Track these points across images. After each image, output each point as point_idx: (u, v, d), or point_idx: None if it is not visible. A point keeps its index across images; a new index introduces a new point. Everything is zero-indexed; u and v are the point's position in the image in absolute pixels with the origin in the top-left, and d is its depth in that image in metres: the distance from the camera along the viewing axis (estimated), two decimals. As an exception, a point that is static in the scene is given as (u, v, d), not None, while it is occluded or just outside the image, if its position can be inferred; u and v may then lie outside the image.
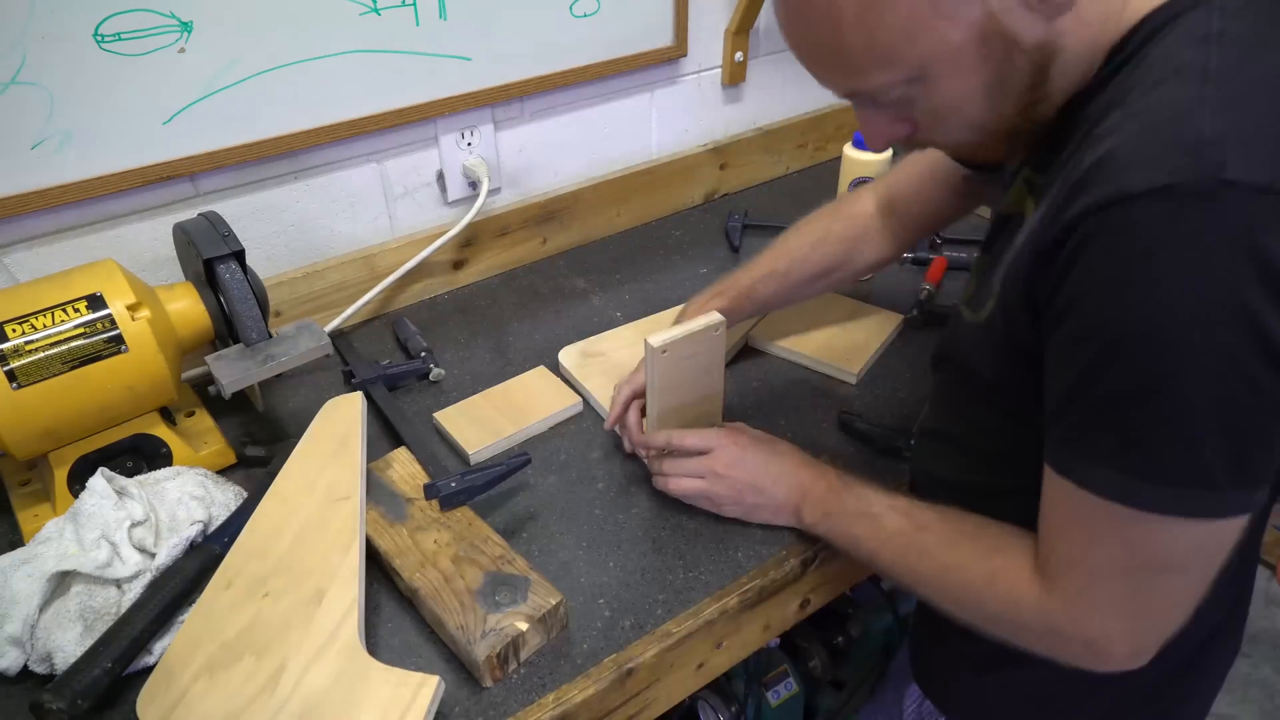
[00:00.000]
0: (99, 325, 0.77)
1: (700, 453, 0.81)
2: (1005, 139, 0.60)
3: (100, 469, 0.77)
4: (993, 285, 0.62)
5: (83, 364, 0.76)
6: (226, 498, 0.81)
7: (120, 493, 0.76)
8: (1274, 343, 0.46)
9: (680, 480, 0.81)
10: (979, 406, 0.69)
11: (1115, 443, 0.52)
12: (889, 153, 1.19)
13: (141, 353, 0.79)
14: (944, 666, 0.83)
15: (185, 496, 0.78)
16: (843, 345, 1.03)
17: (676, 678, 0.76)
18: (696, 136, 1.37)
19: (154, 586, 0.72)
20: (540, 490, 0.86)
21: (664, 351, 0.79)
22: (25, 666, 0.69)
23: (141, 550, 0.73)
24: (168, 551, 0.74)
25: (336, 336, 1.09)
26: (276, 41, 0.93)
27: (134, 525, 0.75)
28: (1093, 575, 0.56)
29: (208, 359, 0.86)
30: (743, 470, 0.79)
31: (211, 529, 0.78)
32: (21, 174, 0.86)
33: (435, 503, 0.80)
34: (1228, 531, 0.53)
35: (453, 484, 0.79)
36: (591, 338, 1.07)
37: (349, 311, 1.09)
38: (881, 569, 0.71)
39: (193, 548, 0.76)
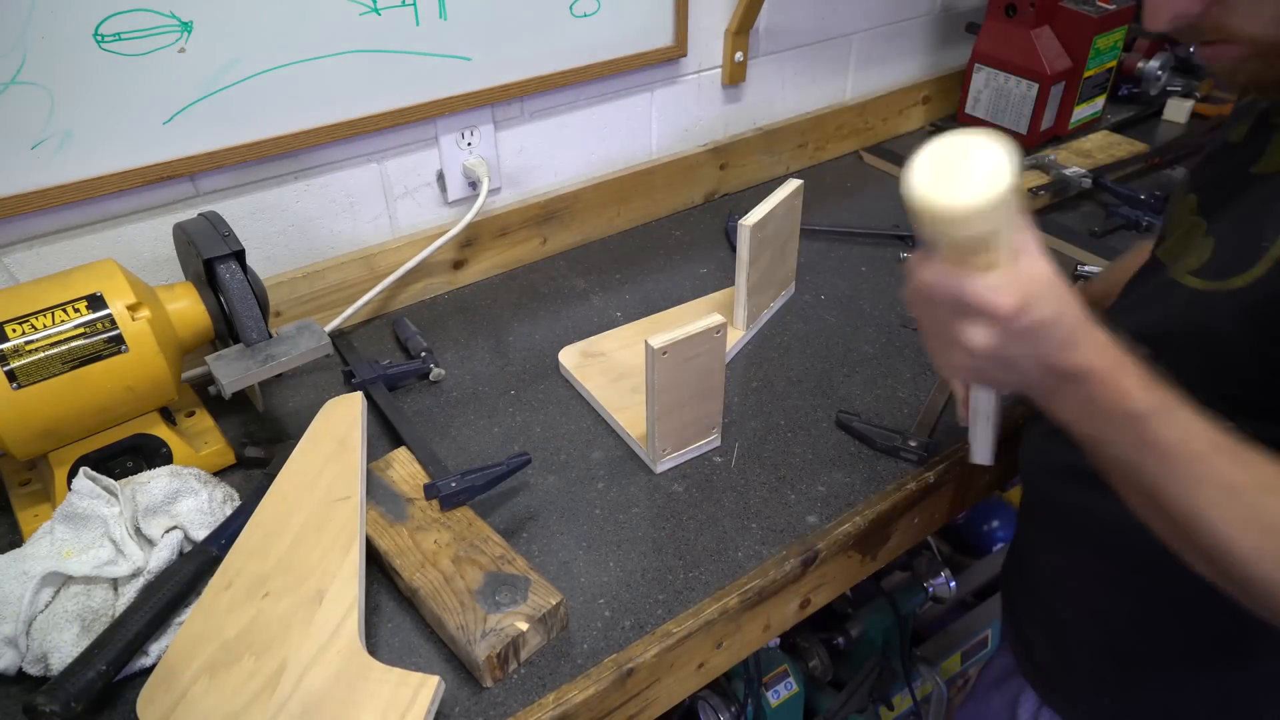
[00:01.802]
0: (99, 325, 0.77)
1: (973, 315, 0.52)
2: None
3: (83, 469, 0.77)
4: (1257, 248, 0.54)
5: (83, 364, 0.76)
6: (218, 498, 0.81)
7: (107, 491, 0.76)
8: None
9: (930, 327, 0.56)
10: (1206, 391, 0.53)
11: None
12: None
13: (141, 353, 0.79)
14: (1070, 677, 0.76)
15: (174, 496, 0.78)
16: None
17: (676, 678, 0.76)
18: (696, 136, 1.37)
19: (149, 589, 0.71)
20: (540, 490, 0.86)
21: (664, 353, 0.79)
22: (20, 668, 0.69)
23: (143, 546, 0.73)
24: (160, 552, 0.74)
25: (336, 336, 1.09)
26: (276, 41, 0.93)
27: (132, 522, 0.75)
28: None
29: (208, 359, 0.86)
30: (1017, 349, 0.52)
31: (204, 530, 0.77)
32: (21, 174, 0.86)
33: (435, 503, 0.80)
34: None
35: (453, 484, 0.80)
36: (591, 338, 1.07)
37: (349, 311, 1.09)
38: (1152, 495, 0.53)
39: (185, 552, 0.76)
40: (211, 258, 0.84)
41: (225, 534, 0.77)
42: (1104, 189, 1.34)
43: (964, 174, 0.46)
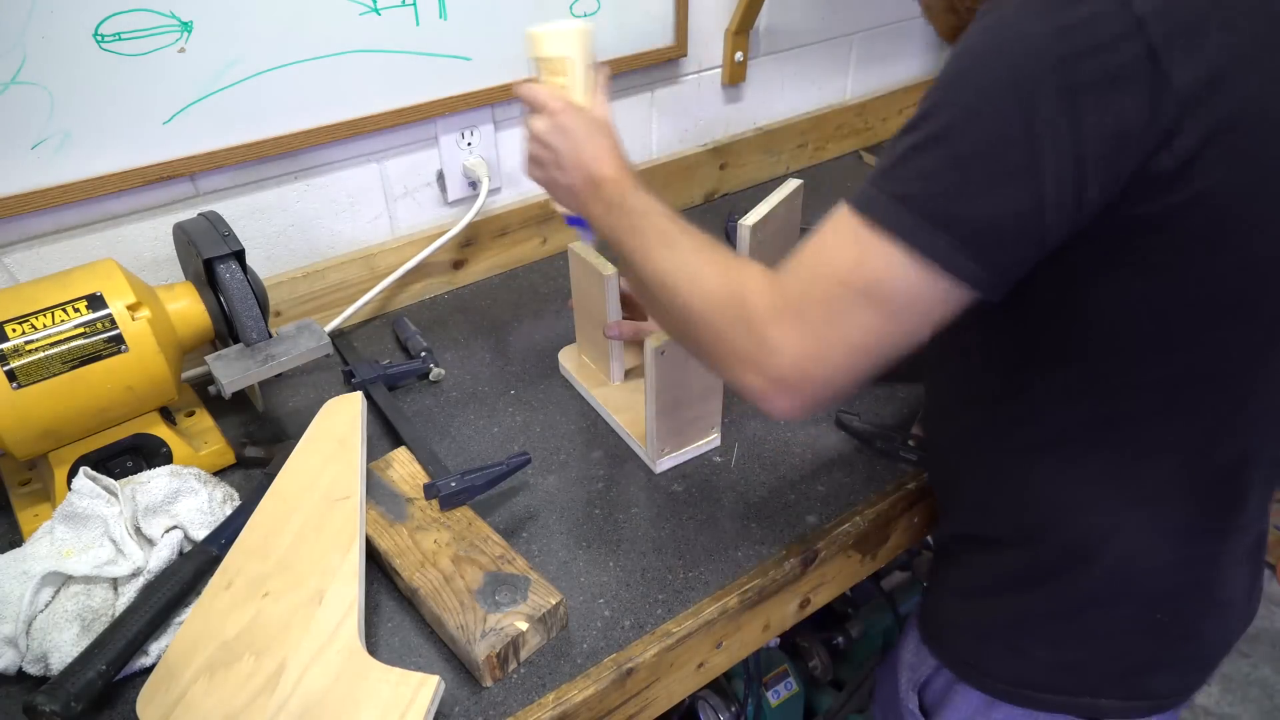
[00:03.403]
0: (99, 325, 0.77)
1: (536, 110, 0.76)
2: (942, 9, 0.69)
3: (83, 469, 0.77)
4: None
5: (83, 364, 0.76)
6: (218, 498, 0.81)
7: (107, 491, 0.76)
8: (1035, 102, 0.49)
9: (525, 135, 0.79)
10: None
11: (885, 157, 0.56)
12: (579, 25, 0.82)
13: (141, 353, 0.79)
14: (942, 613, 0.82)
15: (174, 495, 0.78)
16: None
17: (676, 678, 0.76)
18: (696, 136, 1.37)
19: (149, 589, 0.71)
20: (540, 490, 0.86)
21: (663, 352, 0.79)
22: (20, 668, 0.69)
23: (142, 545, 0.74)
24: (160, 552, 0.74)
25: (336, 336, 1.09)
26: (276, 41, 0.93)
27: (132, 522, 0.75)
28: (809, 277, 0.58)
29: (208, 359, 0.86)
30: (558, 139, 0.75)
31: (204, 530, 0.77)
32: (21, 174, 0.86)
33: (435, 502, 0.80)
34: (936, 296, 0.54)
35: (453, 484, 0.80)
36: (591, 338, 1.07)
37: (349, 311, 1.09)
38: (634, 262, 0.68)
39: (185, 552, 0.76)
40: (211, 257, 0.84)
41: (225, 534, 0.77)
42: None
43: (558, 26, 0.76)
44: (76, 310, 0.77)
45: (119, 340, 0.78)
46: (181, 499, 0.78)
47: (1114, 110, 0.49)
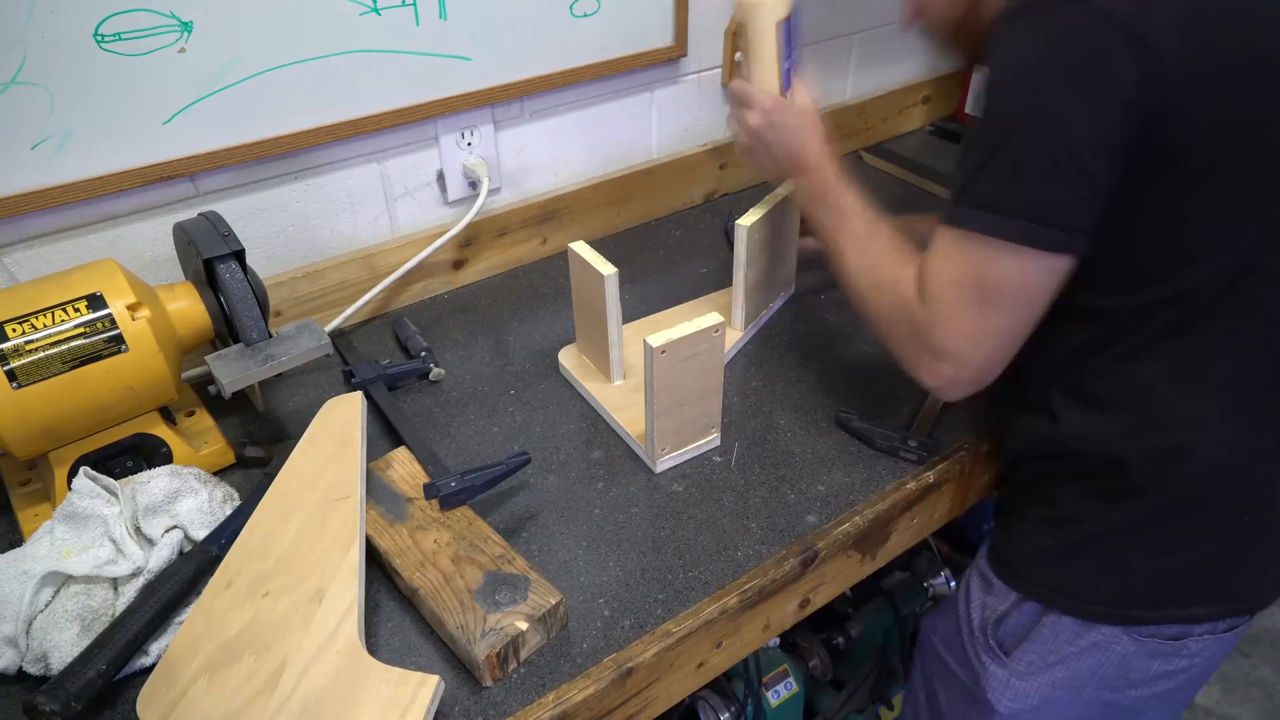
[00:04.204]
0: (99, 325, 0.77)
1: (747, 105, 0.90)
2: (958, 34, 0.81)
3: (83, 469, 0.77)
4: None
5: (83, 364, 0.76)
6: (218, 497, 0.81)
7: (106, 491, 0.76)
8: (1050, 97, 0.63)
9: (733, 122, 0.93)
10: None
11: (959, 182, 0.70)
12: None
13: (141, 352, 0.79)
14: (1022, 545, 0.85)
15: (174, 495, 0.78)
16: None
17: (676, 677, 0.76)
18: (696, 136, 1.37)
19: (149, 589, 0.72)
20: (540, 490, 0.86)
21: (663, 352, 0.79)
22: (20, 668, 0.69)
23: (143, 545, 0.74)
24: (160, 552, 0.74)
25: (336, 336, 1.09)
26: (276, 41, 0.93)
27: (132, 522, 0.75)
28: (942, 288, 0.72)
29: (208, 359, 0.86)
30: (771, 134, 0.88)
31: (204, 530, 0.77)
32: (21, 174, 0.86)
33: (435, 502, 0.80)
34: (1034, 270, 0.68)
35: (453, 483, 0.80)
36: (591, 338, 1.07)
37: (349, 311, 1.09)
38: (832, 251, 0.85)
39: (185, 552, 0.76)
40: (211, 257, 0.84)
41: (225, 533, 0.77)
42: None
43: None
44: (76, 310, 0.77)
45: (119, 340, 0.78)
46: (181, 499, 0.78)
47: (1113, 85, 0.62)
